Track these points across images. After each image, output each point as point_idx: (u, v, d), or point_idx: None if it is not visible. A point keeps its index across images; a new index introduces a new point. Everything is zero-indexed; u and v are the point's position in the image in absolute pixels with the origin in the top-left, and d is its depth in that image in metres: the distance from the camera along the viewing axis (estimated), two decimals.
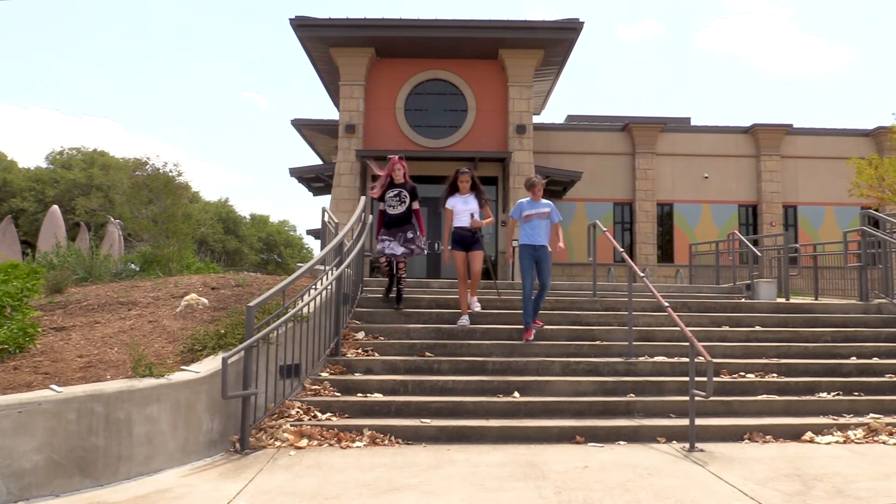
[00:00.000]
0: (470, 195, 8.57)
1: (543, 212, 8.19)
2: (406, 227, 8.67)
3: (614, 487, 4.89)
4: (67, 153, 39.72)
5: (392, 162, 8.69)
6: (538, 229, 8.13)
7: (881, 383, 7.58)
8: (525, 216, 8.19)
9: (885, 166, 18.21)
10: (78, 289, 9.16)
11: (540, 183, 8.24)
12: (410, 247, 8.67)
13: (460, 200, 8.54)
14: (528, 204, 8.27)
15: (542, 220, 8.17)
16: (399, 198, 8.65)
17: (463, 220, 8.47)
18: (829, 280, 14.13)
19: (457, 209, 8.52)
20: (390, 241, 8.62)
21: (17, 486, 4.55)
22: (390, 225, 8.68)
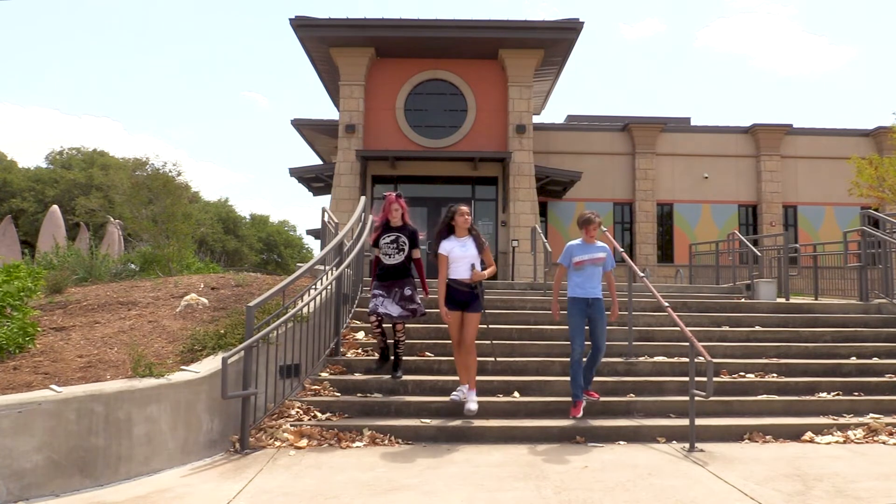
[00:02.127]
0: (468, 238, 6.68)
1: (598, 257, 6.67)
2: (404, 281, 7.08)
3: (614, 487, 4.89)
4: (67, 153, 39.71)
5: (388, 201, 7.17)
6: (592, 279, 6.66)
7: (881, 383, 7.58)
8: (576, 263, 6.67)
9: (886, 166, 18.20)
10: (78, 289, 9.16)
11: (597, 221, 6.69)
12: (410, 307, 7.01)
13: (457, 245, 6.63)
14: (579, 247, 6.72)
15: (597, 268, 6.69)
16: (396, 245, 7.06)
17: (460, 270, 6.56)
18: (829, 280, 14.13)
19: (453, 255, 6.58)
20: (384, 298, 7.02)
21: (17, 486, 4.55)
22: (385, 277, 7.09)
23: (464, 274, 6.54)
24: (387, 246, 7.07)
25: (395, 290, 7.03)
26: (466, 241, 6.62)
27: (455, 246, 6.60)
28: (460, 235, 6.66)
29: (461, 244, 6.61)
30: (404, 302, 7.00)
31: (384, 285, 7.05)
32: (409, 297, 7.02)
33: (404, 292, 7.03)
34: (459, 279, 6.53)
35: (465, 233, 6.65)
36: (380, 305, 6.96)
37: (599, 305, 6.64)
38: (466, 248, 6.58)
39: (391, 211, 7.11)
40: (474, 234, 6.68)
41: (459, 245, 6.60)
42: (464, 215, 6.63)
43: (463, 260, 6.55)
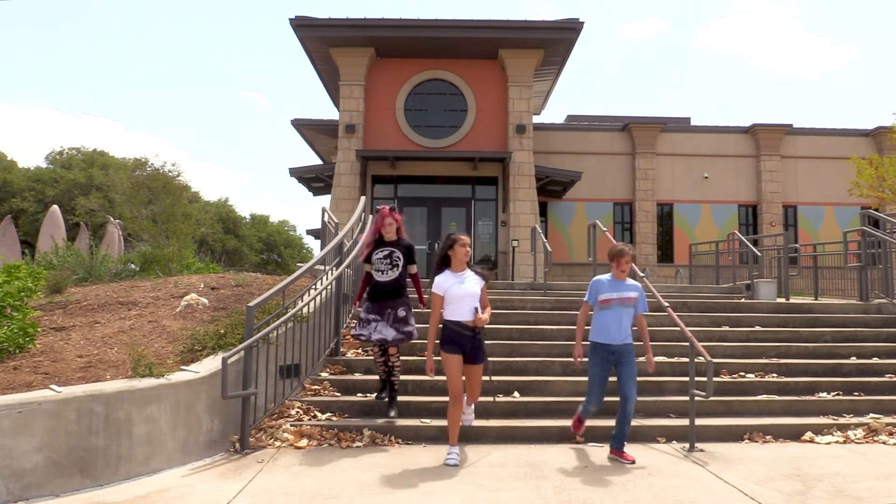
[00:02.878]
0: (467, 273, 5.69)
1: (629, 297, 5.75)
2: (398, 301, 6.42)
3: (614, 487, 4.89)
4: (67, 153, 39.70)
5: (381, 214, 6.54)
6: (620, 322, 5.71)
7: (881, 383, 7.58)
8: (602, 301, 5.75)
9: (886, 166, 18.19)
10: (78, 289, 9.16)
11: (629, 254, 5.80)
12: (405, 329, 6.35)
13: (456, 281, 5.57)
14: (608, 284, 5.80)
15: (626, 309, 5.75)
16: (390, 260, 6.44)
17: (461, 310, 5.53)
18: (829, 280, 14.13)
19: (451, 293, 5.52)
20: (377, 321, 6.34)
21: (17, 486, 4.55)
22: (378, 296, 6.41)
23: (466, 315, 5.50)
24: (380, 262, 6.43)
25: (389, 311, 6.35)
26: (466, 276, 5.61)
27: (453, 283, 5.53)
28: (457, 269, 5.63)
29: (460, 280, 5.56)
30: (399, 324, 6.34)
31: (376, 306, 6.36)
32: (404, 319, 6.36)
33: (398, 313, 6.36)
34: (462, 321, 5.51)
35: (464, 266, 5.65)
36: (374, 331, 6.27)
37: (627, 352, 5.67)
38: (466, 284, 5.56)
39: (385, 225, 6.49)
40: (475, 270, 5.74)
41: (458, 282, 5.55)
42: (465, 247, 5.62)
43: (464, 300, 5.50)
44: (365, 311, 6.44)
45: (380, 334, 6.28)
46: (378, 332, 6.29)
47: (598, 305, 5.77)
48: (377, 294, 6.43)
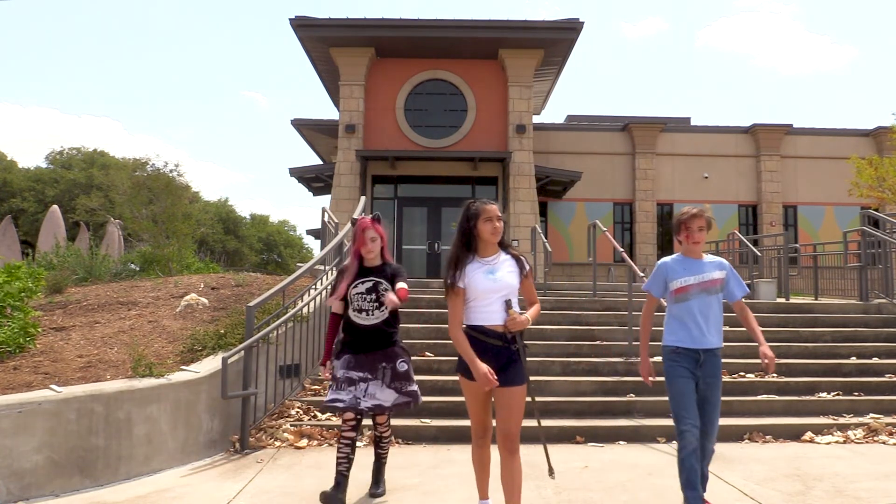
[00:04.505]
0: (500, 257, 3.87)
1: (713, 278, 4.14)
2: (393, 351, 4.58)
3: (614, 487, 4.89)
4: (67, 153, 39.71)
5: (361, 227, 4.65)
6: (707, 316, 4.11)
7: (881, 383, 7.58)
8: (676, 290, 4.15)
9: (886, 166, 18.20)
10: (78, 289, 9.16)
11: (705, 216, 4.14)
12: (409, 389, 4.59)
13: (482, 270, 3.79)
14: (679, 264, 4.19)
15: (712, 297, 4.12)
16: (374, 294, 4.53)
17: (489, 311, 3.76)
18: (829, 280, 14.13)
19: (477, 287, 3.75)
20: (367, 381, 4.47)
21: (17, 487, 4.55)
22: (362, 345, 4.53)
23: (494, 318, 3.71)
24: (361, 298, 4.51)
25: (383, 365, 4.50)
26: (497, 263, 3.81)
27: (479, 272, 3.75)
28: (486, 254, 3.82)
29: (488, 268, 3.77)
30: (400, 382, 4.53)
31: (363, 359, 4.50)
32: (405, 375, 4.56)
33: (397, 367, 4.53)
34: (488, 326, 3.71)
35: (495, 249, 3.85)
36: (363, 395, 4.41)
37: (715, 364, 4.11)
38: (498, 273, 3.76)
39: (366, 242, 4.59)
40: (512, 254, 3.90)
41: (485, 270, 3.76)
42: (492, 220, 3.79)
43: (492, 294, 3.72)
44: (344, 366, 4.47)
45: (373, 399, 4.40)
46: (370, 397, 4.40)
47: (672, 297, 4.14)
48: (361, 343, 4.51)
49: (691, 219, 4.09)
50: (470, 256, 3.82)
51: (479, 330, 3.74)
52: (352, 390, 4.43)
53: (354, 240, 4.68)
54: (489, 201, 3.86)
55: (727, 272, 4.20)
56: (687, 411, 4.02)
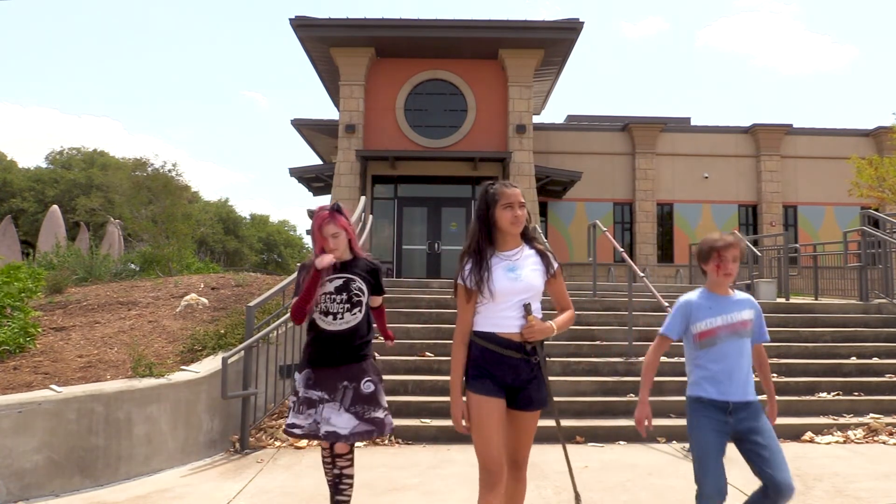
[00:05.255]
0: (524, 251, 3.21)
1: (744, 319, 3.32)
2: (360, 367, 3.74)
3: (614, 487, 4.89)
4: (67, 153, 39.73)
5: (317, 222, 3.77)
6: (738, 362, 3.27)
7: (881, 383, 7.58)
8: (701, 333, 3.32)
9: (886, 166, 18.20)
10: (78, 289, 9.16)
11: (740, 246, 3.33)
12: (372, 416, 3.70)
13: (502, 266, 3.13)
14: (707, 301, 3.35)
15: (742, 340, 3.30)
16: (347, 293, 3.74)
17: (506, 315, 3.10)
18: (829, 280, 14.13)
19: (495, 285, 3.08)
20: (323, 402, 3.69)
21: (17, 486, 4.55)
22: (324, 358, 3.74)
23: (510, 324, 3.06)
24: (329, 298, 3.71)
25: (344, 384, 3.68)
26: (520, 259, 3.14)
27: (497, 269, 3.09)
28: (507, 247, 3.16)
29: (508, 265, 3.11)
30: (362, 406, 3.68)
31: (322, 375, 3.71)
32: (371, 398, 3.70)
33: (361, 388, 3.69)
34: (501, 334, 3.06)
35: (517, 242, 3.19)
36: (320, 419, 3.65)
37: (754, 414, 3.23)
38: (520, 271, 3.10)
39: (325, 236, 3.72)
40: (538, 248, 3.23)
41: (505, 267, 3.10)
42: (513, 207, 3.11)
43: (511, 297, 3.06)
44: (303, 382, 3.75)
45: (328, 425, 3.61)
46: (326, 423, 3.62)
47: (695, 342, 3.31)
48: (324, 353, 3.71)
49: (727, 247, 3.25)
50: (486, 250, 3.13)
51: (491, 338, 3.03)
52: (311, 413, 3.66)
53: (313, 239, 3.78)
54: (510, 184, 3.15)
55: (755, 312, 3.37)
56: (708, 472, 3.23)
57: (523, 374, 3.07)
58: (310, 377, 3.75)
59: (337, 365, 3.71)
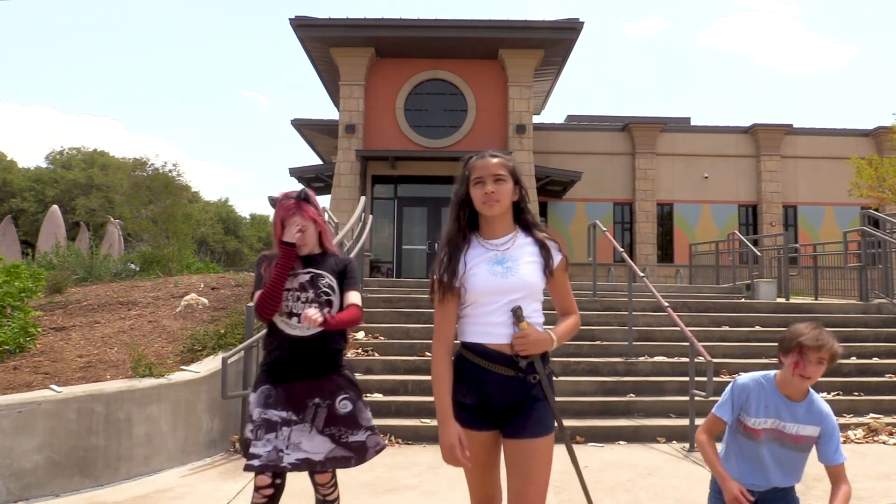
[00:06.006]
0: (519, 239, 2.51)
1: (801, 436, 2.66)
2: (329, 380, 3.10)
3: (614, 487, 4.89)
4: (67, 153, 39.74)
5: (281, 213, 3.16)
6: (780, 460, 2.67)
7: (881, 383, 7.58)
8: (750, 427, 2.68)
9: (886, 166, 18.19)
10: (78, 289, 9.17)
11: (831, 351, 2.59)
12: (353, 440, 3.06)
13: (486, 259, 2.45)
14: (767, 397, 2.67)
15: (786, 453, 2.67)
16: (313, 291, 3.10)
17: (492, 321, 2.41)
18: (829, 280, 14.13)
19: (475, 282, 2.41)
20: (290, 425, 2.99)
21: (17, 486, 4.55)
22: (289, 371, 3.07)
23: (499, 333, 2.43)
24: (294, 297, 3.07)
25: (315, 401, 3.05)
26: (510, 249, 2.50)
27: (480, 261, 2.47)
28: (493, 234, 2.53)
29: (494, 256, 2.48)
30: (338, 428, 3.06)
31: (286, 392, 3.04)
32: (349, 419, 3.08)
33: (336, 406, 3.08)
34: (491, 346, 2.43)
35: (507, 227, 2.54)
36: (285, 445, 2.94)
37: (783, 499, 2.73)
38: (509, 263, 2.47)
39: (289, 225, 3.12)
40: (536, 236, 2.56)
41: (490, 259, 2.47)
42: (484, 181, 2.47)
43: (497, 297, 2.43)
44: (261, 401, 3.02)
45: (298, 452, 2.95)
46: (295, 449, 2.95)
47: (740, 430, 2.72)
48: (288, 365, 3.06)
49: (816, 349, 2.56)
50: (469, 238, 2.49)
51: (478, 351, 2.41)
52: (271, 439, 2.92)
53: (274, 231, 3.18)
54: (490, 153, 2.53)
55: (825, 431, 2.67)
56: None
57: (514, 396, 2.40)
58: (269, 395, 3.02)
59: (304, 378, 3.04)
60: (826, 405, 2.69)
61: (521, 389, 2.41)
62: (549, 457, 2.42)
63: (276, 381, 3.06)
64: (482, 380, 2.41)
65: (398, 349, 7.85)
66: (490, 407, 2.42)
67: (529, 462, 2.38)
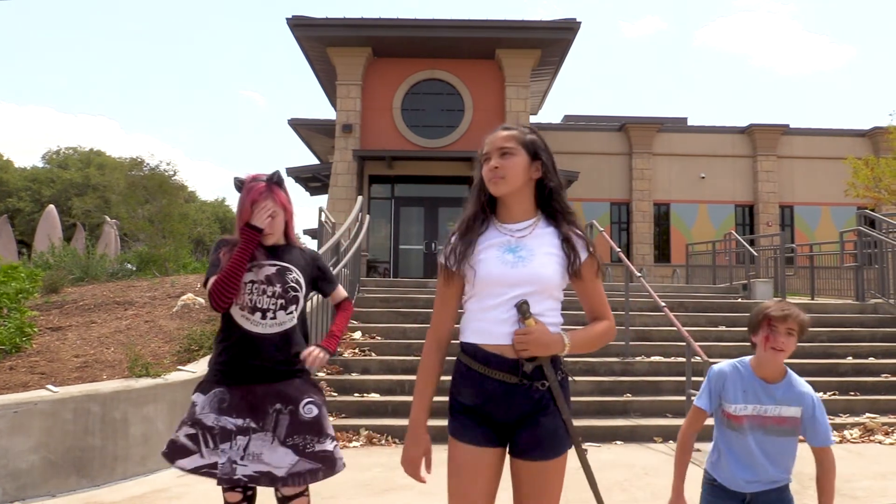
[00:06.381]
0: (539, 227, 2.14)
1: (783, 416, 2.54)
2: (291, 384, 2.79)
3: (611, 487, 4.90)
4: (64, 153, 39.68)
5: (251, 196, 2.80)
6: (767, 450, 2.55)
7: (877, 383, 7.60)
8: (730, 414, 2.64)
9: (882, 167, 18.23)
10: (74, 289, 9.15)
11: (798, 320, 2.51)
12: (319, 449, 2.79)
13: (498, 244, 2.10)
14: (743, 382, 2.69)
15: (772, 439, 2.54)
16: (280, 285, 2.80)
17: (494, 318, 2.06)
18: (826, 280, 14.15)
19: (480, 269, 2.08)
20: (246, 434, 2.71)
21: (13, 487, 4.54)
22: (246, 371, 2.77)
23: (500, 331, 2.07)
24: (258, 290, 2.78)
25: (277, 407, 2.75)
26: (526, 237, 2.12)
27: (490, 246, 2.11)
28: (513, 218, 2.16)
29: (509, 241, 2.11)
30: (304, 437, 2.78)
31: (243, 396, 2.77)
32: (314, 425, 2.80)
33: (300, 412, 2.78)
34: (490, 346, 2.08)
35: (528, 211, 2.17)
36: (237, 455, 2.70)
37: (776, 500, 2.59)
38: (523, 252, 2.09)
39: (258, 211, 2.79)
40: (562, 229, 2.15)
41: (503, 244, 2.11)
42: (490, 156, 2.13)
43: (504, 289, 2.06)
44: (213, 406, 2.82)
45: (257, 464, 2.69)
46: (254, 460, 2.69)
47: (724, 421, 2.69)
48: (244, 366, 2.78)
49: (782, 318, 2.51)
50: (487, 221, 2.16)
51: (473, 353, 2.09)
52: (226, 449, 2.69)
53: (239, 214, 2.84)
54: (503, 126, 2.23)
55: (807, 407, 2.54)
56: None
57: (518, 407, 2.05)
58: (223, 399, 2.76)
59: (265, 381, 2.74)
60: (806, 385, 2.61)
61: (526, 400, 2.06)
62: (560, 478, 2.14)
63: (231, 382, 2.77)
64: (479, 388, 2.07)
65: (395, 349, 7.85)
66: (492, 419, 2.09)
67: (538, 486, 2.10)
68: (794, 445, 2.57)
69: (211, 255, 2.87)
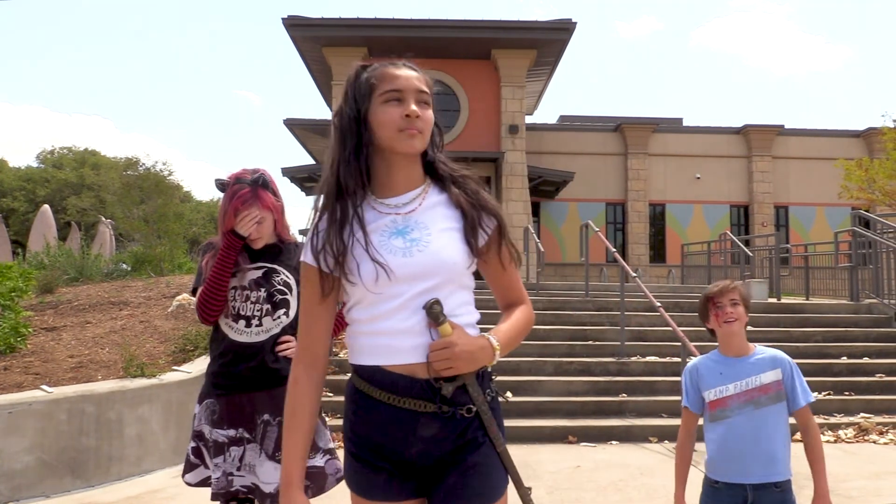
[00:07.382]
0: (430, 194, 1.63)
1: (764, 384, 2.55)
2: (279, 392, 2.23)
3: (606, 487, 4.90)
4: (58, 152, 39.56)
5: (234, 203, 2.61)
6: (758, 435, 2.53)
7: (871, 383, 7.62)
8: (713, 403, 2.63)
9: (875, 168, 18.25)
10: (69, 289, 9.12)
11: (736, 290, 2.63)
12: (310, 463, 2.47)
13: (383, 226, 1.58)
14: (716, 365, 2.65)
15: (766, 410, 2.55)
16: (265, 290, 2.66)
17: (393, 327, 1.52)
18: (820, 280, 14.19)
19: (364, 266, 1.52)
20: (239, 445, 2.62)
21: (7, 487, 4.53)
22: (231, 380, 2.66)
23: (407, 346, 1.53)
24: (242, 296, 2.66)
25: (265, 418, 2.64)
26: (416, 211, 1.60)
27: (377, 227, 1.58)
28: (396, 190, 1.63)
29: (395, 221, 1.60)
30: None
31: (233, 406, 2.67)
32: None
33: None
34: (394, 367, 1.53)
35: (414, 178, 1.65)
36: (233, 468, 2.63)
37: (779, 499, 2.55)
38: (417, 233, 1.57)
39: (243, 217, 2.61)
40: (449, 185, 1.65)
41: (390, 226, 1.58)
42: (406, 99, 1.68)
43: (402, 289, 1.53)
44: (206, 418, 2.75)
45: (252, 475, 2.62)
46: (247, 471, 2.63)
47: (708, 411, 2.68)
48: (232, 375, 2.67)
49: (721, 293, 2.61)
50: (359, 195, 1.61)
51: (373, 378, 1.56)
52: (219, 463, 2.63)
53: (221, 218, 2.68)
54: (410, 66, 1.88)
55: (785, 370, 2.57)
56: None
57: (438, 444, 1.57)
58: (214, 410, 2.67)
59: (253, 390, 2.62)
60: (777, 350, 2.66)
61: (449, 432, 1.55)
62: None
63: (221, 392, 2.67)
64: (385, 423, 1.54)
65: None
66: (405, 462, 1.56)
67: None
68: (785, 419, 2.58)
69: (199, 265, 2.77)
